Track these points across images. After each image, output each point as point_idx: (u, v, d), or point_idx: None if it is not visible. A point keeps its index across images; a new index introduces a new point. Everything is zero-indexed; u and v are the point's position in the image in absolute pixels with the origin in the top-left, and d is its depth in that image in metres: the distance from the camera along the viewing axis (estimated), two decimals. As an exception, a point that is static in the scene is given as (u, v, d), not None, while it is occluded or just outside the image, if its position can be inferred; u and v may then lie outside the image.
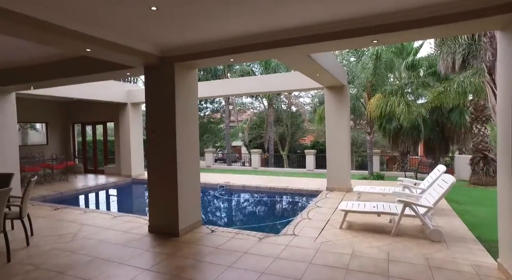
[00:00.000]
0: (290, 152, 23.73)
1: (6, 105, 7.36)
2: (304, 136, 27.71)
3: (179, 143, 4.84)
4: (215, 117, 23.96)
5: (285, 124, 24.24)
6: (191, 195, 5.17)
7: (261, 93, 17.23)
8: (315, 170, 15.42)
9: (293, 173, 14.14)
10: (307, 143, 26.74)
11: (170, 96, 4.79)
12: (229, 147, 20.42)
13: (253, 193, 9.08)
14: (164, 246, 4.46)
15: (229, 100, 20.44)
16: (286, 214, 7.32)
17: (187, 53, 4.68)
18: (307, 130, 26.78)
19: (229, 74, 19.30)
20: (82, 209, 6.80)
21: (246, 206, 8.43)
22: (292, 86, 8.47)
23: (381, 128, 14.60)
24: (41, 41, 3.70)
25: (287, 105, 25.73)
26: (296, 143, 26.33)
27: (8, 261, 3.98)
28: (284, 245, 4.35)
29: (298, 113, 26.77)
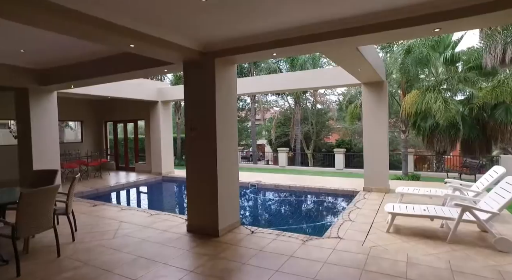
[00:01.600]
0: (314, 150, 23.28)
1: (48, 104, 7.59)
2: (329, 135, 27.12)
3: (219, 141, 4.72)
4: (239, 115, 23.91)
5: (310, 122, 23.81)
6: (230, 195, 5.05)
7: (298, 90, 16.89)
8: (344, 170, 15.00)
9: (322, 172, 13.81)
10: (332, 141, 26.15)
11: (211, 93, 4.68)
12: (255, 146, 20.31)
13: (287, 193, 8.86)
14: (205, 246, 4.36)
15: (255, 98, 20.31)
16: (324, 215, 7.05)
17: (228, 48, 4.55)
18: (333, 128, 26.18)
19: (254, 72, 19.16)
20: (119, 206, 6.87)
21: (281, 206, 8.22)
22: (328, 83, 8.16)
23: (415, 126, 13.91)
24: (88, 37, 3.67)
25: (312, 103, 25.27)
26: (321, 142, 25.82)
27: (58, 256, 4.03)
28: (330, 249, 4.13)
29: (323, 111, 26.24)
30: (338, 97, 27.79)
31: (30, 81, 6.86)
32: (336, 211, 7.05)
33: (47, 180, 5.31)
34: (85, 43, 5.21)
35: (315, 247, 4.21)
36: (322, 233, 4.96)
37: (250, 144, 22.86)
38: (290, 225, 6.23)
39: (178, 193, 10.18)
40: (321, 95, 25.66)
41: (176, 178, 11.03)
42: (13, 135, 7.53)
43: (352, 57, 4.81)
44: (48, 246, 4.40)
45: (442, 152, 13.98)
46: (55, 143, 7.84)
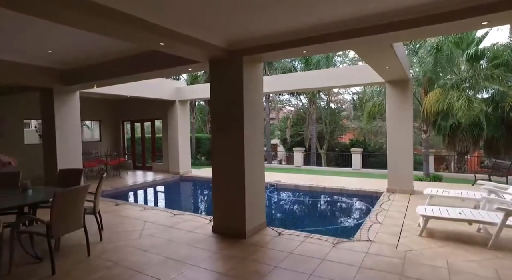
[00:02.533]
0: (328, 150, 23.02)
1: (71, 104, 7.67)
2: (342, 135, 26.78)
3: (246, 140, 4.64)
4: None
5: (324, 122, 23.55)
6: (257, 195, 4.96)
7: (318, 89, 16.66)
8: (362, 170, 14.75)
9: (338, 172, 13.59)
10: (345, 141, 25.83)
11: (238, 92, 4.60)
12: (269, 145, 20.20)
13: (307, 193, 8.72)
14: (233, 248, 4.28)
15: (269, 97, 20.19)
16: (350, 216, 6.89)
17: (256, 46, 4.46)
18: (348, 127, 25.84)
19: (269, 72, 19.04)
20: (141, 206, 6.88)
21: (304, 207, 8.08)
22: (349, 81, 7.99)
23: (435, 126, 13.55)
24: (119, 35, 3.62)
25: (325, 103, 25.00)
26: (335, 141, 25.53)
27: (88, 255, 4.03)
28: (363, 253, 3.99)
29: (337, 111, 25.92)
30: (352, 96, 27.49)
31: (55, 81, 6.94)
32: (362, 213, 6.87)
33: (73, 179, 5.36)
34: (110, 43, 5.23)
35: (346, 250, 4.08)
36: (351, 236, 4.83)
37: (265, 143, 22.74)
38: (315, 226, 6.10)
39: (197, 193, 10.17)
40: (335, 94, 25.36)
41: (193, 178, 11.03)
42: (39, 134, 7.63)
43: (384, 54, 4.65)
44: (78, 245, 4.41)
45: (464, 152, 13.60)
46: (77, 142, 7.93)
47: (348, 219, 6.63)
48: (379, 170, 14.75)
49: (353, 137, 24.98)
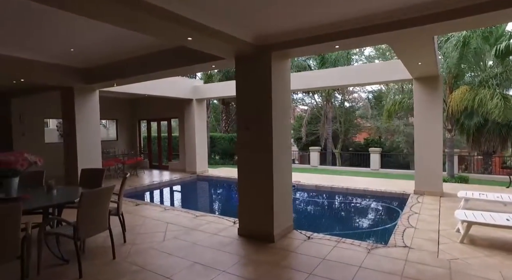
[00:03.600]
0: (342, 150, 22.60)
1: (91, 103, 7.64)
2: (357, 134, 26.26)
3: (275, 139, 4.44)
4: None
5: (338, 121, 23.11)
6: (285, 197, 4.76)
7: (342, 87, 16.17)
8: (380, 170, 14.36)
9: (357, 172, 13.24)
10: (359, 140, 25.32)
11: (266, 90, 4.40)
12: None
13: (330, 194, 8.45)
14: (262, 253, 4.09)
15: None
16: (379, 219, 6.58)
17: (285, 41, 4.24)
18: (363, 126, 25.32)
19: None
20: (161, 206, 6.76)
21: (327, 209, 7.80)
22: (376, 79, 7.69)
23: (458, 124, 13.01)
24: (146, 28, 3.43)
25: (340, 101, 24.54)
26: (349, 141, 25.06)
27: (114, 258, 3.91)
28: (402, 260, 3.73)
29: (351, 110, 25.43)
30: (368, 95, 26.90)
31: (76, 80, 6.90)
32: (391, 216, 6.57)
33: (94, 179, 5.26)
34: (133, 40, 5.11)
35: (383, 257, 3.83)
36: (384, 240, 4.57)
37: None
38: (343, 229, 5.86)
39: (216, 193, 10.01)
40: (350, 93, 24.86)
41: (211, 177, 10.90)
42: (60, 134, 7.63)
43: (424, 48, 4.36)
44: (102, 246, 4.31)
45: (490, 152, 13.03)
46: (97, 142, 7.90)
47: (377, 222, 6.33)
48: (398, 171, 14.35)
49: (368, 136, 24.48)
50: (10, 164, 3.75)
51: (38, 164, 4.12)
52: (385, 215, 6.86)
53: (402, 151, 21.65)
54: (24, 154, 3.99)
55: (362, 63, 24.49)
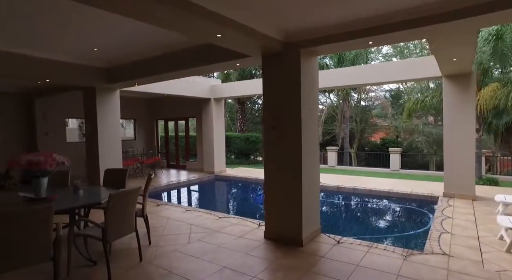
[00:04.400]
0: (358, 149, 22.14)
1: (112, 102, 7.67)
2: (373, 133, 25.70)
3: (304, 139, 4.28)
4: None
5: (354, 120, 22.67)
6: (312, 199, 4.59)
7: (367, 85, 15.80)
8: (401, 171, 13.94)
9: (376, 173, 12.88)
10: (375, 140, 24.77)
11: (295, 88, 4.24)
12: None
13: (353, 195, 8.20)
14: (291, 257, 3.94)
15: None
16: (408, 223, 6.27)
17: (315, 37, 4.07)
18: (380, 126, 24.76)
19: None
20: (182, 207, 6.69)
21: (353, 211, 7.53)
22: (402, 77, 7.39)
23: (485, 124, 12.45)
24: (172, 23, 3.28)
25: (356, 100, 24.07)
26: (365, 140, 24.55)
27: (140, 260, 3.85)
28: (443, 269, 3.50)
29: (368, 109, 24.90)
30: (385, 94, 26.29)
31: (99, 80, 6.92)
32: (421, 220, 6.28)
33: (118, 179, 5.24)
34: (156, 38, 5.05)
35: (422, 265, 3.61)
36: (418, 246, 4.35)
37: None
38: (371, 234, 5.63)
39: (236, 194, 9.89)
40: (367, 92, 24.34)
41: (229, 177, 10.81)
42: (82, 133, 7.70)
43: (463, 42, 4.10)
44: (127, 248, 4.26)
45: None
46: (118, 141, 7.92)
47: (408, 227, 6.05)
48: (420, 171, 13.88)
49: (385, 136, 23.93)
50: (40, 165, 3.74)
51: (66, 164, 4.09)
52: (414, 219, 6.56)
53: (422, 151, 21.05)
54: (52, 154, 3.97)
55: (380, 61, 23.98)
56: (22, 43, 5.18)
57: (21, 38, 4.94)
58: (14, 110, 9.80)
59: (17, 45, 5.27)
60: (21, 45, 5.28)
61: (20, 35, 4.82)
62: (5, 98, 9.58)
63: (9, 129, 9.68)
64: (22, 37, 4.92)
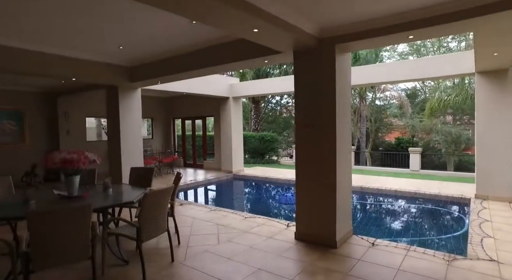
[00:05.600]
0: (372, 149, 21.72)
1: (133, 101, 7.67)
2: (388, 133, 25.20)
3: (338, 138, 4.13)
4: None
5: (369, 120, 22.28)
6: (345, 199, 4.44)
7: (403, 81, 15.20)
8: (421, 171, 13.58)
9: (396, 173, 12.56)
10: (390, 140, 24.27)
11: (330, 85, 4.10)
12: (315, 143, 19.44)
13: (378, 196, 7.97)
14: (326, 260, 3.79)
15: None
16: (441, 225, 6.01)
17: (352, 32, 3.91)
18: (396, 125, 24.26)
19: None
20: (206, 207, 6.61)
21: (381, 212, 7.27)
22: (434, 73, 7.09)
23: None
24: (209, 17, 3.19)
25: (371, 99, 23.64)
26: (379, 140, 24.10)
27: (172, 261, 3.78)
28: (496, 278, 3.28)
29: (383, 108, 24.42)
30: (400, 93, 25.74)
31: (122, 78, 6.91)
32: (455, 222, 6.04)
33: (144, 178, 5.20)
34: (184, 36, 4.99)
35: (469, 272, 3.42)
36: (458, 250, 4.15)
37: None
38: (403, 236, 5.43)
39: (257, 194, 9.76)
40: (382, 90, 23.88)
41: (248, 177, 10.72)
42: (105, 132, 7.73)
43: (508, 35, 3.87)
44: (156, 248, 4.19)
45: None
46: (139, 140, 7.92)
47: (441, 229, 5.81)
48: (440, 172, 13.47)
49: (400, 136, 23.43)
50: (73, 163, 3.71)
51: (97, 162, 4.07)
52: (447, 221, 6.29)
53: (440, 151, 20.51)
54: (84, 152, 3.95)
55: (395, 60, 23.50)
56: (53, 42, 5.22)
57: (52, 38, 4.98)
58: (38, 109, 9.96)
59: (49, 44, 5.31)
60: (52, 44, 5.31)
61: (51, 35, 4.85)
62: (30, 98, 9.74)
63: (34, 128, 9.84)
64: (53, 37, 4.96)
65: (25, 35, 4.81)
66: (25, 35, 4.83)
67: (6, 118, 9.15)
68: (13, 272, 2.73)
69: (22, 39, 4.98)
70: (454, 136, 19.20)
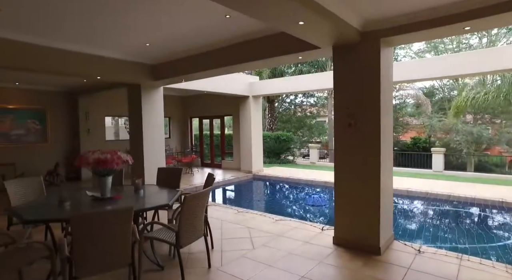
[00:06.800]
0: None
1: (155, 100, 7.55)
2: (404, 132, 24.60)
3: (382, 138, 3.88)
4: (312, 112, 22.85)
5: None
6: (388, 202, 4.19)
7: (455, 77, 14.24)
8: (444, 172, 13.11)
9: (418, 174, 12.14)
10: (405, 140, 23.69)
11: (373, 82, 3.85)
12: (332, 143, 19.10)
13: (407, 198, 7.66)
14: (372, 267, 3.55)
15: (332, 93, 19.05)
16: (487, 231, 5.59)
17: (398, 25, 3.65)
18: (413, 125, 23.68)
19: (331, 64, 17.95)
20: (233, 208, 6.41)
21: (414, 215, 6.95)
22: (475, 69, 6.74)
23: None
24: (259, 9, 2.99)
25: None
26: (395, 140, 23.54)
27: (209, 267, 3.60)
28: None
29: (398, 107, 23.87)
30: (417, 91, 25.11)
31: (145, 76, 6.79)
32: (502, 228, 5.67)
33: (171, 179, 5.04)
34: (215, 31, 4.81)
35: (535, 284, 3.13)
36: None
37: (324, 142, 21.71)
38: (446, 242, 5.12)
39: (281, 195, 9.55)
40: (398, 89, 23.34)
41: (268, 177, 10.50)
42: (127, 131, 7.63)
43: None
44: (188, 253, 4.02)
45: None
46: (161, 139, 7.81)
47: (489, 235, 5.45)
48: (467, 173, 12.97)
49: (416, 135, 22.85)
50: (107, 163, 3.57)
51: (129, 162, 3.93)
52: (493, 226, 5.90)
53: (461, 151, 19.88)
54: (117, 152, 3.81)
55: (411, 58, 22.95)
56: (79, 40, 5.13)
57: (79, 36, 4.89)
58: (60, 109, 9.97)
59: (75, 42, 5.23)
60: (78, 42, 5.23)
61: (78, 33, 4.76)
62: (52, 97, 9.76)
63: (56, 127, 9.86)
64: (80, 35, 4.87)
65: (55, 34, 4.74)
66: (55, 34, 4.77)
67: (30, 118, 9.18)
68: (53, 277, 2.60)
69: (49, 37, 4.90)
70: (476, 136, 18.60)
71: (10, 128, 8.78)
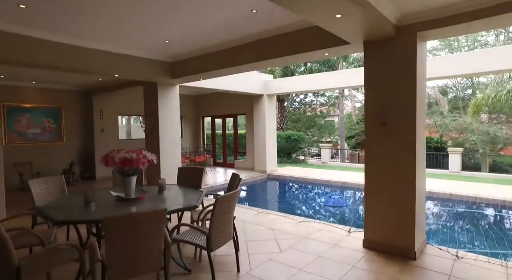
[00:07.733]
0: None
1: (172, 98, 7.46)
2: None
3: (417, 137, 3.70)
4: (322, 111, 22.58)
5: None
6: (421, 205, 4.01)
7: None
8: (461, 172, 12.77)
9: (435, 174, 11.82)
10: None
11: (409, 78, 3.68)
12: (343, 143, 18.86)
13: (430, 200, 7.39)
14: (410, 274, 3.37)
15: (343, 92, 18.80)
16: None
17: (435, 18, 3.47)
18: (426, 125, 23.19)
19: (344, 63, 17.71)
20: (253, 209, 6.23)
21: (443, 217, 6.72)
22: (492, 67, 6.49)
23: None
24: None
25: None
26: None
27: (238, 271, 3.46)
28: None
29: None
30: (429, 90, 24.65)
31: (162, 74, 6.68)
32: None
33: (193, 179, 4.93)
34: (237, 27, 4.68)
35: None
36: None
37: (335, 142, 21.44)
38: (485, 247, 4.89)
39: (298, 195, 9.38)
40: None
41: (283, 177, 10.34)
42: (143, 129, 7.56)
43: None
44: (215, 255, 3.88)
45: None
46: (177, 138, 7.71)
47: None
48: (485, 174, 12.63)
49: (427, 135, 22.41)
50: (133, 163, 3.46)
51: (154, 162, 3.81)
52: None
53: (477, 151, 19.43)
54: (142, 152, 3.70)
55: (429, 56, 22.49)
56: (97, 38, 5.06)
57: (98, 33, 4.82)
58: (74, 107, 9.96)
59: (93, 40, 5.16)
60: (97, 40, 5.16)
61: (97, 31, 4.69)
62: (67, 96, 9.75)
63: (70, 126, 9.84)
64: (101, 33, 4.80)
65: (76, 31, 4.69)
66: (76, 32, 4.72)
67: (46, 116, 9.17)
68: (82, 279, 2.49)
69: (69, 34, 4.84)
70: (491, 136, 18.17)
71: (27, 127, 8.78)
